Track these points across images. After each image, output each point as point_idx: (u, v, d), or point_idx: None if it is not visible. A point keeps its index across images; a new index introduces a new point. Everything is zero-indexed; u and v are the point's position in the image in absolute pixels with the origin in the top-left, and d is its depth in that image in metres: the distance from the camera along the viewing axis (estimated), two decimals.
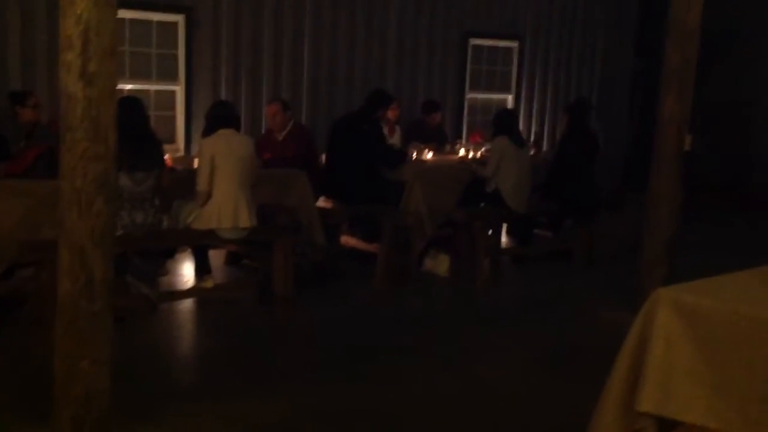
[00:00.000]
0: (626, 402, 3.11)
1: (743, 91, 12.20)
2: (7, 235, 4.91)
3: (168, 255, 6.19)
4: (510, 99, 10.64)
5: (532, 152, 8.15)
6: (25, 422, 3.80)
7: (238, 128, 5.83)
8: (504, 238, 8.20)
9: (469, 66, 10.11)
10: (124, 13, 7.28)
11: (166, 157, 5.91)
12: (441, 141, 8.55)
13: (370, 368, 4.83)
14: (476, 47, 10.16)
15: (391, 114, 7.82)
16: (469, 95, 10.21)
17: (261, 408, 4.18)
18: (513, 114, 8.26)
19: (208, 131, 5.69)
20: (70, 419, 3.45)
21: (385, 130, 7.57)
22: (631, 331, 3.17)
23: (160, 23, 7.89)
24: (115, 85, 3.54)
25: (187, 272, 6.62)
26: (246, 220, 5.59)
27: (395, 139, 8.10)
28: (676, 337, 3.02)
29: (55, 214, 4.31)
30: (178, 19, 7.95)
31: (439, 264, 7.13)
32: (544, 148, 10.09)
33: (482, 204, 7.21)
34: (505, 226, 8.12)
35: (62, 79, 3.41)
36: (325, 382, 4.58)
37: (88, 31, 3.36)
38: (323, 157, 7.44)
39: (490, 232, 7.21)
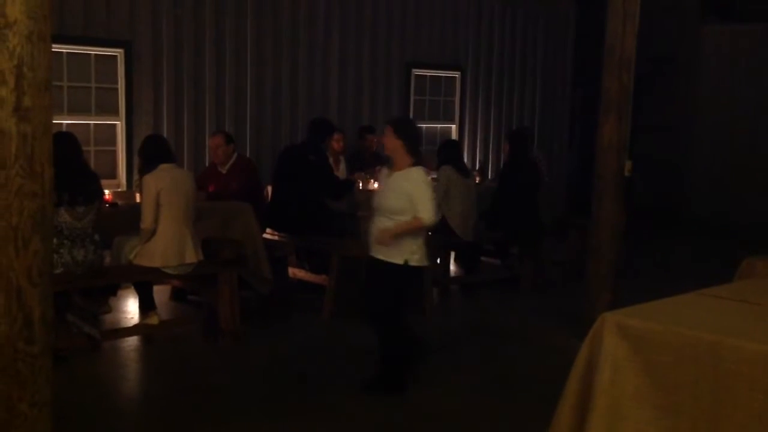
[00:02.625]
0: (576, 428, 3.12)
1: (677, 115, 12.56)
2: None
3: (110, 292, 6.05)
4: (454, 128, 10.75)
5: (477, 180, 8.23)
6: None
7: (175, 161, 5.78)
8: (452, 267, 8.24)
9: (412, 96, 10.20)
10: (62, 48, 7.17)
11: (107, 192, 5.79)
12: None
13: (319, 401, 4.77)
14: (419, 77, 10.26)
15: (336, 145, 7.82)
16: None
17: None
18: (457, 144, 8.36)
19: (148, 167, 5.59)
20: None
21: (331, 161, 7.56)
22: (579, 357, 3.19)
23: (99, 57, 7.78)
24: (51, 120, 3.46)
25: (131, 309, 6.48)
26: (192, 255, 5.51)
27: (340, 170, 8.10)
28: (623, 362, 3.05)
29: None
30: (117, 53, 7.86)
31: None
32: (489, 176, 10.20)
33: (429, 233, 7.23)
34: (453, 255, 8.16)
35: None
36: (274, 417, 4.51)
37: (21, 66, 3.28)
38: (269, 188, 7.40)
39: (437, 260, 7.23)
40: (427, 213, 4.69)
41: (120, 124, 7.93)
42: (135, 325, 5.96)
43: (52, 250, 3.47)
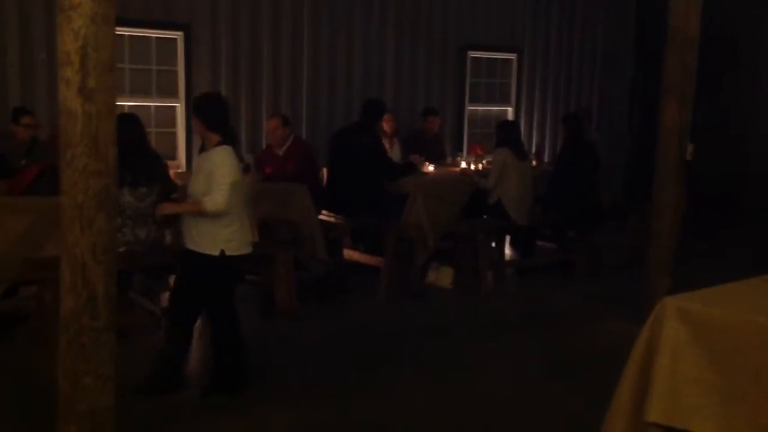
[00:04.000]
0: (635, 413, 3.09)
1: (742, 99, 12.21)
2: (9, 252, 4.89)
3: (171, 270, 6.16)
4: (510, 111, 10.65)
5: (533, 164, 8.14)
6: None
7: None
8: (507, 250, 8.19)
9: (468, 79, 10.12)
10: (124, 30, 7.29)
11: (171, 173, 5.90)
12: (440, 150, 8.55)
13: (373, 381, 4.80)
14: (475, 60, 10.17)
15: (387, 126, 7.81)
16: (469, 108, 10.22)
17: (264, 423, 4.16)
18: (514, 125, 8.27)
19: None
20: None
21: (385, 143, 7.57)
22: (638, 341, 3.15)
23: (160, 40, 7.90)
24: (115, 101, 3.53)
25: None
26: (248, 234, 5.56)
27: (394, 152, 8.10)
28: (684, 347, 3.01)
29: (58, 231, 4.32)
30: (177, 35, 7.97)
31: (442, 276, 7.12)
32: (545, 159, 10.09)
33: (484, 216, 7.20)
34: (508, 238, 8.11)
35: (62, 95, 3.40)
36: (329, 396, 4.56)
37: (86, 47, 3.36)
38: (324, 170, 7.44)
39: (493, 244, 7.19)
40: (211, 200, 4.24)
41: (180, 106, 8.06)
42: None
43: (115, 228, 3.56)
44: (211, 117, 4.42)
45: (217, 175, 4.26)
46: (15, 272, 4.90)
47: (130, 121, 5.26)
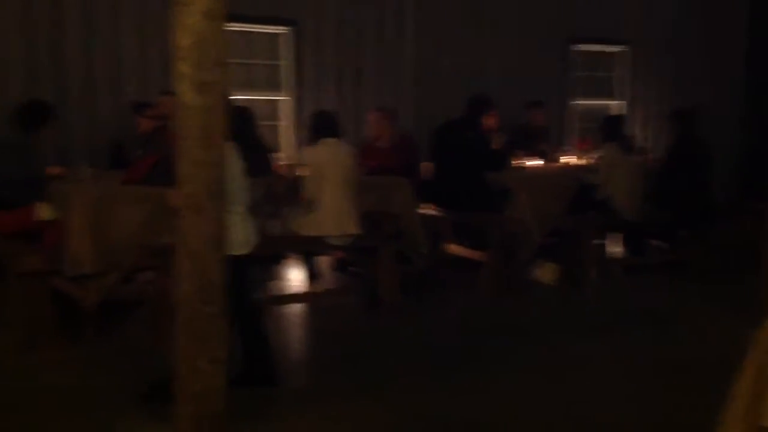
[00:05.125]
0: (750, 417, 2.97)
1: None
2: (127, 240, 5.12)
3: (277, 260, 6.32)
4: (617, 106, 10.38)
5: (644, 159, 7.91)
6: (147, 419, 3.94)
7: (339, 137, 5.92)
8: (617, 248, 7.99)
9: (572, 72, 9.92)
10: (232, 26, 7.50)
11: (277, 165, 6.04)
12: (545, 144, 8.41)
13: (474, 376, 4.78)
14: (580, 53, 9.96)
15: (489, 121, 7.72)
16: (573, 102, 10.02)
17: (367, 411, 4.20)
18: (621, 120, 8.05)
19: (311, 140, 5.80)
20: (189, 416, 3.56)
21: (490, 138, 7.49)
22: (754, 344, 3.02)
23: (267, 35, 8.09)
24: (226, 94, 3.64)
25: (295, 277, 6.75)
26: (352, 227, 5.65)
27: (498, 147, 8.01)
28: None
29: (172, 220, 4.48)
30: (284, 30, 8.14)
31: (546, 273, 7.01)
32: (654, 155, 9.78)
33: (591, 212, 7.05)
34: (617, 236, 7.91)
35: (177, 89, 3.53)
36: (430, 388, 4.56)
37: (200, 43, 3.47)
38: (426, 164, 7.45)
39: (600, 241, 7.04)
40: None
41: (285, 100, 8.23)
42: (299, 293, 6.21)
43: (226, 217, 3.67)
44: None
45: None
46: (133, 259, 5.13)
47: (242, 114, 5.41)
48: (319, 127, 5.79)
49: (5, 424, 3.89)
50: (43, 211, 5.21)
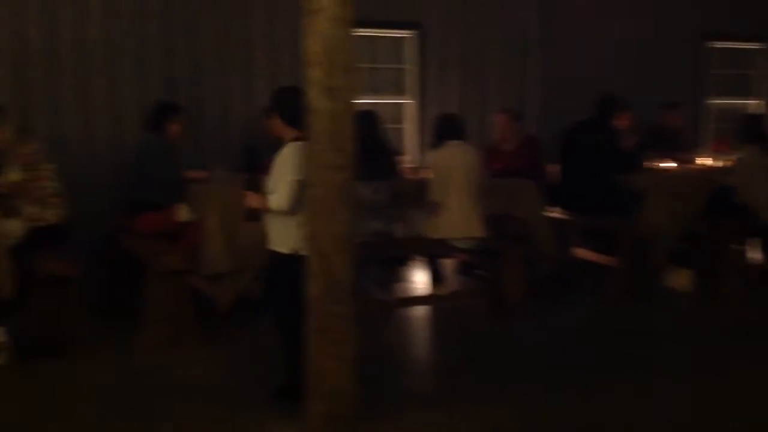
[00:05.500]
0: None
1: None
2: (259, 240, 5.27)
3: (402, 262, 6.38)
4: (754, 104, 9.84)
5: None
6: (278, 417, 4.05)
7: (464, 140, 5.90)
8: (756, 254, 7.59)
9: (708, 70, 9.49)
10: (360, 31, 7.62)
11: (402, 168, 6.10)
12: (681, 146, 8.08)
13: (602, 382, 4.65)
14: (715, 49, 9.52)
15: (622, 123, 7.48)
16: (710, 101, 9.58)
17: (492, 414, 4.18)
18: (762, 120, 7.64)
19: (436, 143, 5.81)
20: (320, 415, 3.65)
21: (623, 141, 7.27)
22: None
23: (392, 39, 8.18)
24: (355, 99, 3.71)
25: (420, 280, 6.79)
26: (477, 230, 5.62)
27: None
28: None
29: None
30: (409, 34, 8.20)
31: (680, 279, 6.74)
32: None
33: (728, 216, 6.73)
34: (756, 241, 7.51)
35: (308, 94, 3.63)
36: (555, 392, 4.48)
37: (330, 49, 3.56)
38: (553, 167, 7.32)
39: (738, 246, 6.71)
40: (274, 197, 4.05)
41: (410, 103, 8.28)
42: (424, 295, 6.24)
43: (355, 220, 3.74)
44: (288, 111, 4.14)
45: (282, 172, 4.06)
46: (265, 259, 5.28)
47: (368, 118, 5.49)
48: (444, 129, 5.80)
49: (145, 418, 4.09)
50: (183, 213, 5.46)
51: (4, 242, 4.77)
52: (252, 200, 4.20)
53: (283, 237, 4.10)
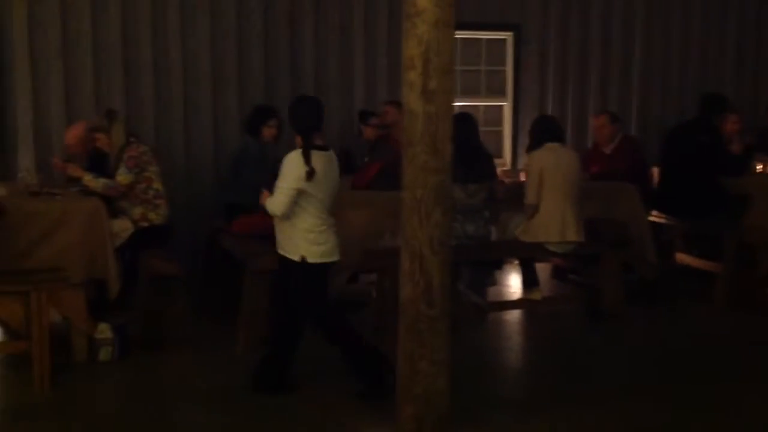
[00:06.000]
0: None
1: None
2: (353, 242, 5.34)
3: (496, 266, 6.31)
4: None
5: None
6: (371, 418, 4.07)
7: (563, 142, 5.80)
8: None
9: None
10: (457, 33, 7.59)
11: (498, 170, 6.04)
12: None
13: (703, 394, 4.48)
14: None
15: (730, 127, 7.17)
16: None
17: (585, 422, 4.09)
18: None
19: (534, 145, 5.74)
20: (412, 417, 3.65)
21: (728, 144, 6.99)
22: None
23: (489, 41, 8.12)
24: (452, 102, 3.70)
25: (514, 284, 6.71)
26: (573, 233, 5.52)
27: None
28: None
29: (394, 223, 4.62)
30: (507, 36, 8.12)
31: None
32: None
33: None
34: None
35: (405, 97, 3.63)
36: (652, 402, 4.35)
37: (428, 52, 3.55)
38: (655, 169, 7.11)
39: None
40: (270, 201, 4.22)
41: (507, 105, 8.20)
42: (519, 299, 6.16)
43: (450, 222, 3.73)
44: (297, 121, 4.34)
45: (279, 179, 4.20)
46: (357, 261, 5.34)
47: (465, 121, 5.47)
48: (543, 131, 5.72)
49: (237, 414, 4.18)
50: None
51: (112, 242, 4.96)
52: (262, 199, 4.39)
53: (292, 244, 4.25)
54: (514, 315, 6.01)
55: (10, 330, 5.03)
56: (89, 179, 5.25)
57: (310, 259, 4.22)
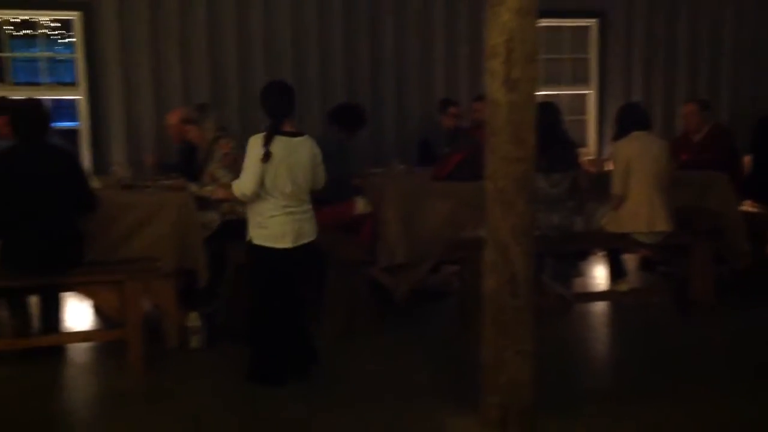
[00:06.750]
0: None
1: None
2: (435, 233, 5.35)
3: (581, 257, 6.22)
4: None
5: None
6: (455, 408, 4.07)
7: (650, 130, 5.66)
8: None
9: None
10: (540, 21, 7.49)
11: (582, 160, 5.94)
12: None
13: None
14: None
15: None
16: None
17: (670, 415, 4.00)
18: None
19: (620, 134, 5.62)
20: (496, 407, 3.64)
21: None
22: None
23: (573, 28, 7.97)
24: (535, 91, 3.65)
25: (599, 275, 6.59)
26: (662, 223, 5.38)
27: None
28: None
29: (476, 214, 4.60)
30: (591, 23, 7.97)
31: None
32: None
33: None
34: None
35: (487, 86, 3.61)
36: (738, 398, 4.21)
37: (512, 40, 3.52)
38: (747, 158, 6.87)
39: None
40: (236, 182, 4.36)
41: (591, 93, 8.06)
42: (605, 291, 6.05)
43: (534, 212, 3.69)
44: (265, 104, 4.40)
45: (244, 161, 4.33)
46: (439, 251, 5.34)
47: (548, 110, 5.40)
48: (629, 119, 5.59)
49: (324, 403, 4.24)
50: (360, 206, 5.61)
51: (201, 233, 5.09)
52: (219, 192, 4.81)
53: (249, 225, 4.40)
54: (600, 307, 5.91)
55: (106, 318, 5.24)
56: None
57: (256, 241, 4.36)
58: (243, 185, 4.29)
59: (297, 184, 4.34)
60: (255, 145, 4.27)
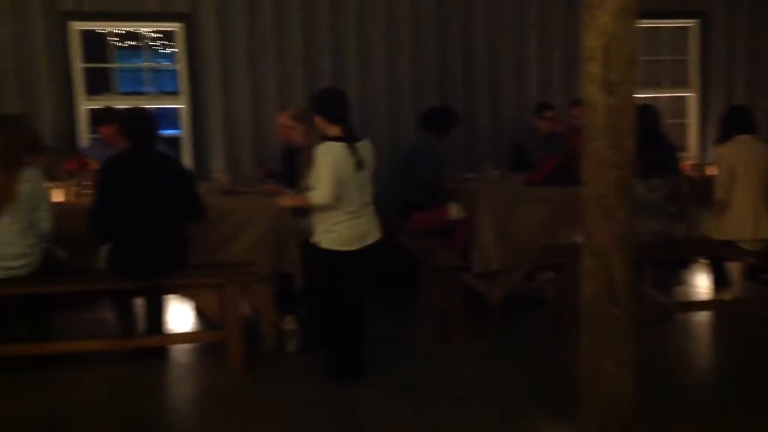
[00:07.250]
0: None
1: None
2: (530, 239, 5.30)
3: (682, 264, 6.04)
4: None
5: None
6: (551, 418, 4.02)
7: (755, 134, 5.45)
8: None
9: None
10: (639, 22, 7.31)
11: (684, 164, 5.78)
12: None
13: None
14: None
15: None
16: None
17: None
18: None
19: (723, 138, 5.44)
20: (594, 418, 3.57)
21: None
22: None
23: (672, 29, 7.76)
24: (634, 94, 3.57)
25: (702, 283, 6.38)
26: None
27: None
28: None
29: (571, 220, 4.53)
30: (691, 23, 7.73)
31: None
32: None
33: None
34: None
35: (585, 89, 3.55)
36: None
37: (609, 42, 3.45)
38: None
39: None
40: (314, 193, 4.35)
41: (692, 96, 7.82)
42: (707, 300, 5.86)
43: (633, 218, 3.60)
44: (322, 112, 4.40)
45: (317, 171, 4.31)
46: (534, 257, 5.28)
47: (648, 113, 5.28)
48: (733, 123, 5.41)
49: (420, 405, 4.24)
50: (454, 211, 5.60)
51: (297, 238, 5.18)
52: (285, 200, 4.83)
53: (315, 229, 4.48)
54: (702, 316, 5.71)
55: (207, 320, 5.39)
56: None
57: (323, 245, 4.43)
58: (323, 195, 4.32)
59: (365, 188, 4.46)
60: (329, 152, 4.30)
